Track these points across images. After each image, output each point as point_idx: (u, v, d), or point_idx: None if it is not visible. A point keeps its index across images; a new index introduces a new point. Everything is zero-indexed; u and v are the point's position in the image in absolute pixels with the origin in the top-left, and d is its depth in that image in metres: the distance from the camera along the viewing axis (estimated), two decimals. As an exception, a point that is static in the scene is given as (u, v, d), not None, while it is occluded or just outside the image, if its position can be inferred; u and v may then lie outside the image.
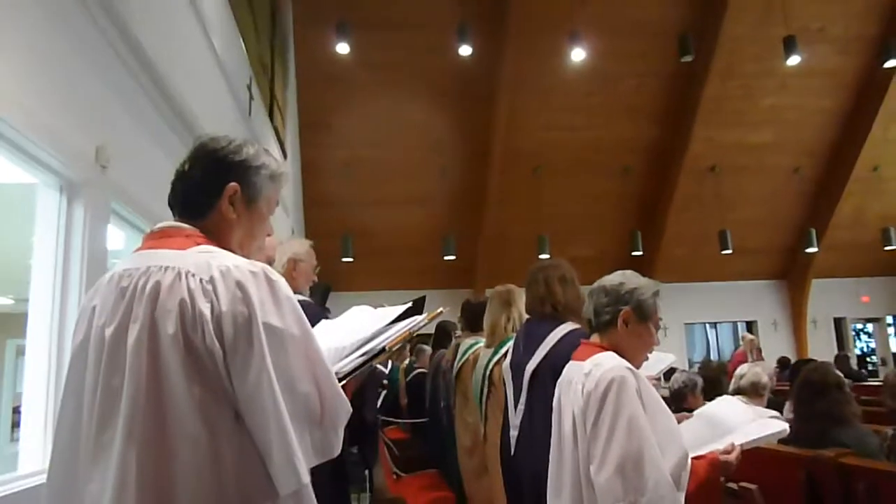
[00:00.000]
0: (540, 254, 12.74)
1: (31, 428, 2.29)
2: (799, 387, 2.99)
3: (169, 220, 1.41)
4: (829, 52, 12.33)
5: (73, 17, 2.51)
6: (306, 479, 1.20)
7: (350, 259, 12.24)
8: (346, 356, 1.48)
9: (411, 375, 6.96)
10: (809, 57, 11.36)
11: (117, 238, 3.17)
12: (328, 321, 1.81)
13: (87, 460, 1.18)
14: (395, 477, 5.08)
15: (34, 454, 2.26)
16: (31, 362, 2.32)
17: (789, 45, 10.18)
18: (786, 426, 2.21)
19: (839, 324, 16.65)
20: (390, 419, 7.28)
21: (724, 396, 2.64)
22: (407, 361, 7.76)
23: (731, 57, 12.02)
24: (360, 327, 1.58)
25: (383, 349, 1.50)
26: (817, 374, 2.97)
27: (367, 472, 5.75)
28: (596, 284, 2.18)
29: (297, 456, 1.17)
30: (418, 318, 1.61)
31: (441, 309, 1.72)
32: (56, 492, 1.23)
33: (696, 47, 10.16)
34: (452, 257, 12.89)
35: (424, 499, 4.77)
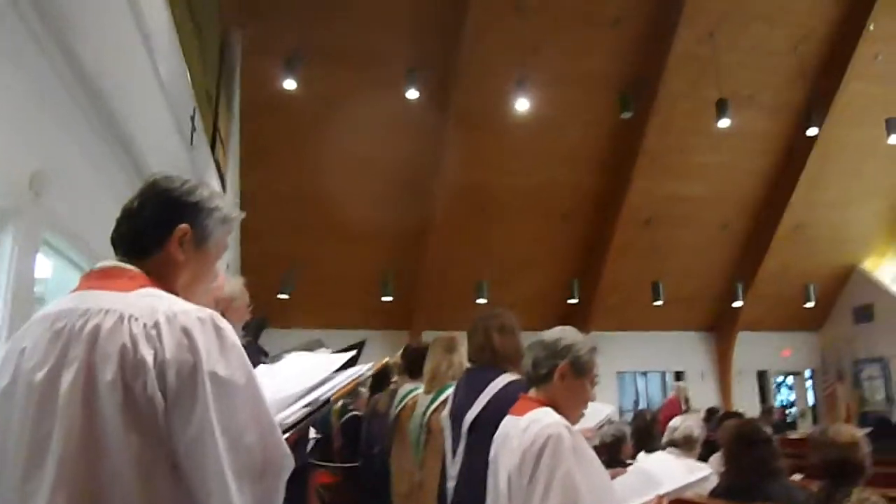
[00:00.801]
0: (478, 298, 12.80)
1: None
2: (730, 441, 3.08)
3: (111, 260, 1.35)
4: (757, 117, 13.03)
5: (12, 35, 2.42)
6: None
7: (286, 296, 12.02)
8: (289, 405, 1.44)
9: (345, 417, 6.81)
10: (740, 120, 11.98)
11: (44, 267, 3.02)
12: (266, 366, 1.76)
13: None
14: (323, 524, 4.93)
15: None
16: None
17: (721, 108, 10.76)
18: (709, 470, 2.28)
19: (762, 376, 17.24)
20: (321, 462, 7.08)
21: (658, 453, 2.70)
22: (340, 403, 7.60)
23: (668, 113, 12.53)
24: (302, 375, 1.54)
25: (328, 400, 1.46)
26: (748, 429, 3.07)
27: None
28: (535, 339, 2.21)
29: None
30: (363, 367, 1.58)
31: (387, 359, 1.70)
32: None
33: (637, 101, 10.58)
34: (390, 298, 12.81)
35: (354, 547, 4.64)
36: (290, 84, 9.40)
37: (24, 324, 1.31)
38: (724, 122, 10.75)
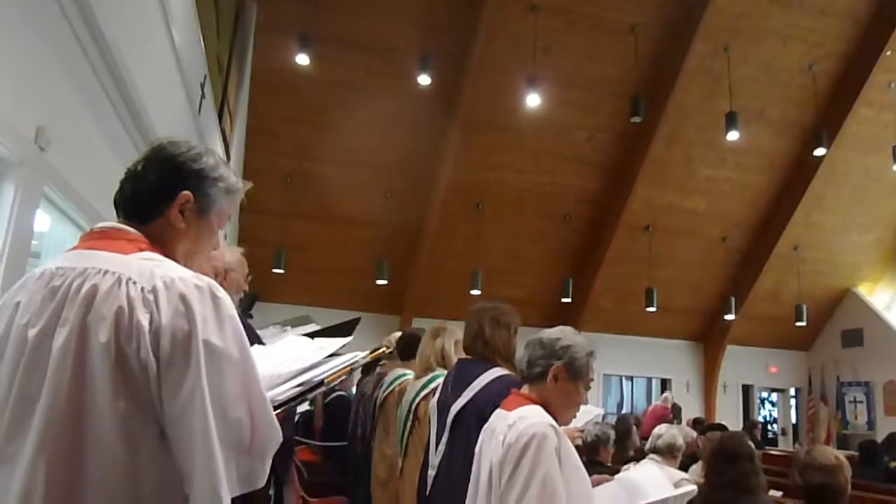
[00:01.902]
0: (472, 289, 12.81)
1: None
2: (713, 454, 3.09)
3: (111, 221, 1.34)
4: (766, 133, 13.00)
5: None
6: None
7: (281, 270, 12.01)
8: (281, 384, 1.44)
9: (330, 398, 6.82)
10: (748, 135, 11.96)
11: (42, 221, 3.00)
12: (262, 347, 1.75)
13: None
14: (303, 500, 4.95)
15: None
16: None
17: (730, 121, 10.73)
18: (693, 487, 2.28)
19: (747, 390, 17.30)
20: (302, 440, 7.10)
21: (643, 462, 2.70)
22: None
23: (677, 124, 12.51)
24: (298, 356, 1.53)
25: (322, 382, 1.46)
26: (732, 443, 3.07)
27: (271, 493, 5.57)
28: (534, 336, 2.20)
29: (221, 484, 1.12)
30: (360, 354, 1.58)
31: (385, 348, 1.70)
32: None
33: (647, 110, 10.55)
34: (384, 282, 12.80)
35: (330, 527, 4.66)
36: (302, 59, 9.34)
37: (20, 277, 1.29)
38: (732, 135, 10.72)
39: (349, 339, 1.61)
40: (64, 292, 1.16)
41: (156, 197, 1.33)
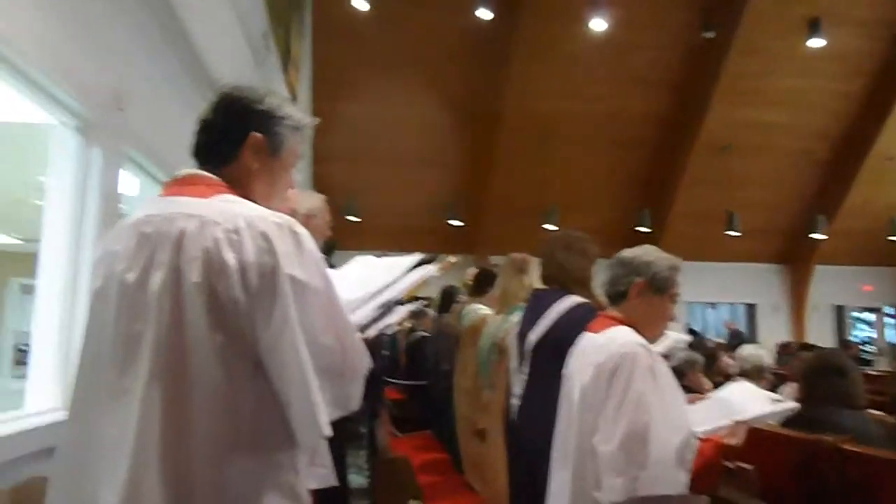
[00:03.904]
0: (545, 223, 12.71)
1: (41, 367, 2.30)
2: (809, 370, 2.98)
3: (190, 168, 1.39)
4: (852, 36, 12.10)
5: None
6: (328, 431, 1.20)
7: (355, 218, 12.22)
8: (361, 306, 1.48)
9: (412, 338, 6.99)
10: (831, 39, 11.18)
11: (130, 183, 3.14)
12: (334, 270, 1.79)
13: (107, 403, 1.18)
14: (392, 436, 5.15)
15: (43, 393, 2.27)
16: (43, 302, 2.32)
17: (813, 26, 10.02)
18: (795, 405, 2.23)
19: (839, 311, 16.68)
20: (388, 379, 7.34)
21: (740, 381, 2.64)
22: (408, 325, 7.78)
23: (752, 33, 11.79)
24: (369, 279, 1.58)
25: (399, 300, 1.49)
26: (829, 357, 2.96)
27: (362, 429, 5.81)
28: (614, 257, 2.17)
29: (319, 408, 1.18)
30: (430, 267, 1.60)
31: (453, 258, 1.71)
32: (75, 434, 1.24)
33: (719, 21, 9.98)
34: (457, 221, 12.85)
35: (420, 459, 4.84)
36: (361, 4, 9.27)
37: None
38: (815, 42, 10.02)
39: (421, 255, 1.62)
40: (154, 237, 1.22)
41: (227, 141, 1.37)
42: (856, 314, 17.15)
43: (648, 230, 13.52)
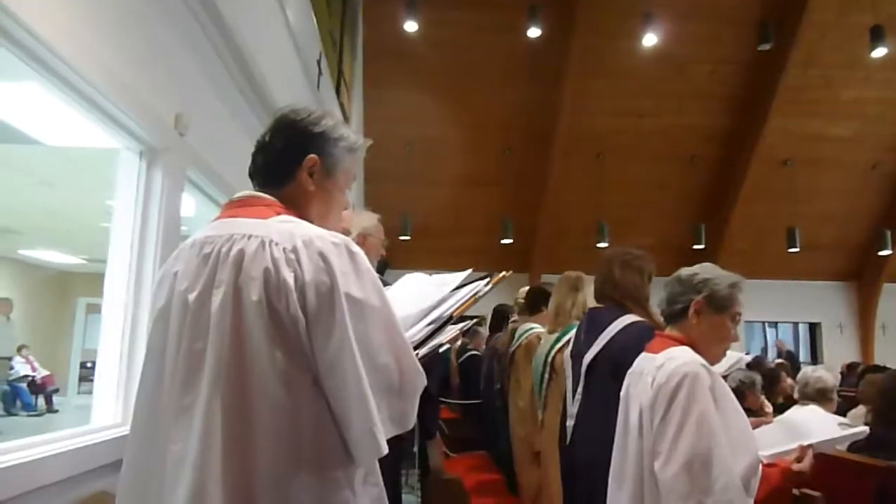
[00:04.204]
0: (599, 242, 12.56)
1: (106, 383, 2.37)
2: (883, 392, 2.86)
3: (248, 190, 1.42)
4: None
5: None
6: (385, 449, 1.20)
7: (407, 237, 12.30)
8: (413, 324, 1.48)
9: (464, 357, 6.97)
10: (896, 48, 10.79)
11: (189, 205, 3.23)
12: (387, 288, 1.79)
13: (169, 421, 1.21)
14: (445, 456, 5.11)
15: (108, 409, 2.34)
16: (108, 321, 2.40)
17: (876, 35, 9.69)
18: (864, 429, 2.13)
19: (909, 331, 15.93)
20: (441, 399, 7.32)
21: (810, 405, 2.54)
22: (459, 342, 7.76)
23: (812, 45, 11.51)
24: (421, 295, 1.57)
25: (450, 317, 1.49)
26: (899, 380, 2.84)
27: (414, 448, 5.81)
28: (672, 275, 2.12)
29: (377, 426, 1.18)
30: (481, 283, 1.59)
31: (505, 272, 1.69)
32: (138, 451, 1.27)
33: (776, 33, 9.76)
34: (510, 241, 12.80)
35: (473, 480, 4.78)
36: (411, 26, 9.40)
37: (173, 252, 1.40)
38: (879, 52, 9.68)
39: (485, 283, 1.61)
40: (215, 258, 1.25)
41: (285, 162, 1.40)
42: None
43: (703, 247, 13.21)
